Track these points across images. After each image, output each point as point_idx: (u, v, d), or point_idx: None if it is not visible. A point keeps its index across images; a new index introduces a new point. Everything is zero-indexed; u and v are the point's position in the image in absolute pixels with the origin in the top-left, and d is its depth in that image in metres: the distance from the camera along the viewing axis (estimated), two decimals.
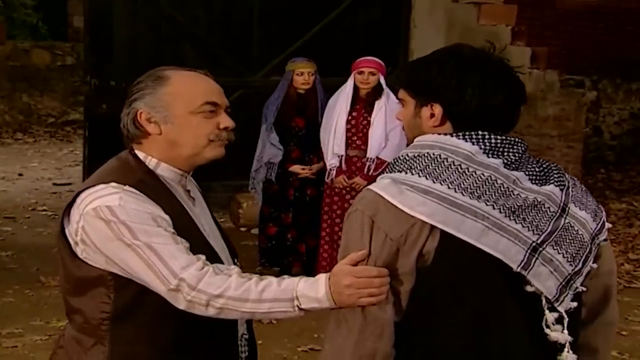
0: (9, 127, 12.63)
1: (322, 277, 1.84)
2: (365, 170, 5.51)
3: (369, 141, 5.52)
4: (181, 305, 1.88)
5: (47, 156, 11.08)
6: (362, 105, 5.58)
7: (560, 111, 8.30)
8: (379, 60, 5.61)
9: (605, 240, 1.92)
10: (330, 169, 5.59)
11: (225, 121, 2.07)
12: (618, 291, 2.05)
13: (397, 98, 1.94)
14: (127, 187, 1.93)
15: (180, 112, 2.02)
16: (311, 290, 1.83)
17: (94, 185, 1.96)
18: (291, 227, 5.85)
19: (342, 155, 5.56)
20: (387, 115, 5.46)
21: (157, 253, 1.87)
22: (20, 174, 9.66)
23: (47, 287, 5.51)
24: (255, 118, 5.88)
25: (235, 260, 2.19)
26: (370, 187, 1.82)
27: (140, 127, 2.03)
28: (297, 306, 1.84)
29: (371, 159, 5.51)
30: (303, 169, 5.76)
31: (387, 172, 1.83)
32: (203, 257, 1.92)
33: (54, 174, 9.84)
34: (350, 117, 5.56)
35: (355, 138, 5.59)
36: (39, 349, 4.55)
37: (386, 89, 5.53)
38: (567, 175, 1.89)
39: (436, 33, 7.71)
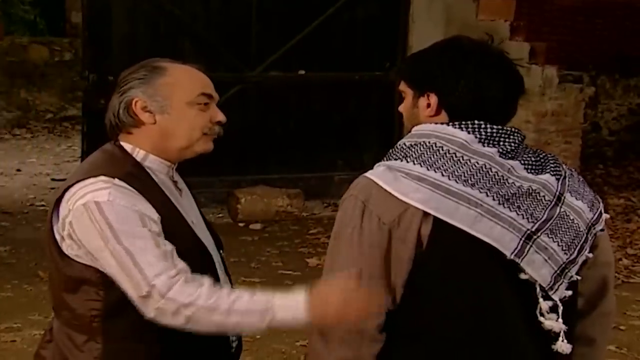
0: (7, 123, 12.62)
1: (301, 291, 1.80)
2: None
3: None
4: (150, 313, 1.84)
5: (45, 152, 11.07)
6: None
7: (558, 107, 8.29)
8: None
9: (602, 230, 1.92)
10: None
11: (219, 115, 2.07)
12: (616, 286, 2.06)
13: (399, 90, 1.95)
14: (116, 181, 1.91)
15: (177, 102, 2.01)
16: (289, 308, 1.79)
17: (83, 180, 1.93)
18: None
19: None
20: None
21: (134, 258, 1.84)
22: (18, 170, 9.65)
23: (45, 282, 5.46)
24: (253, 113, 5.87)
25: (221, 252, 2.18)
26: (365, 174, 1.82)
27: (134, 115, 2.01)
28: (269, 319, 1.80)
29: None
30: None
31: (384, 160, 1.84)
32: (182, 264, 1.88)
33: (52, 169, 9.83)
34: None
35: None
36: (38, 343, 4.54)
37: None
38: (564, 166, 1.89)
39: (435, 28, 7.70)
